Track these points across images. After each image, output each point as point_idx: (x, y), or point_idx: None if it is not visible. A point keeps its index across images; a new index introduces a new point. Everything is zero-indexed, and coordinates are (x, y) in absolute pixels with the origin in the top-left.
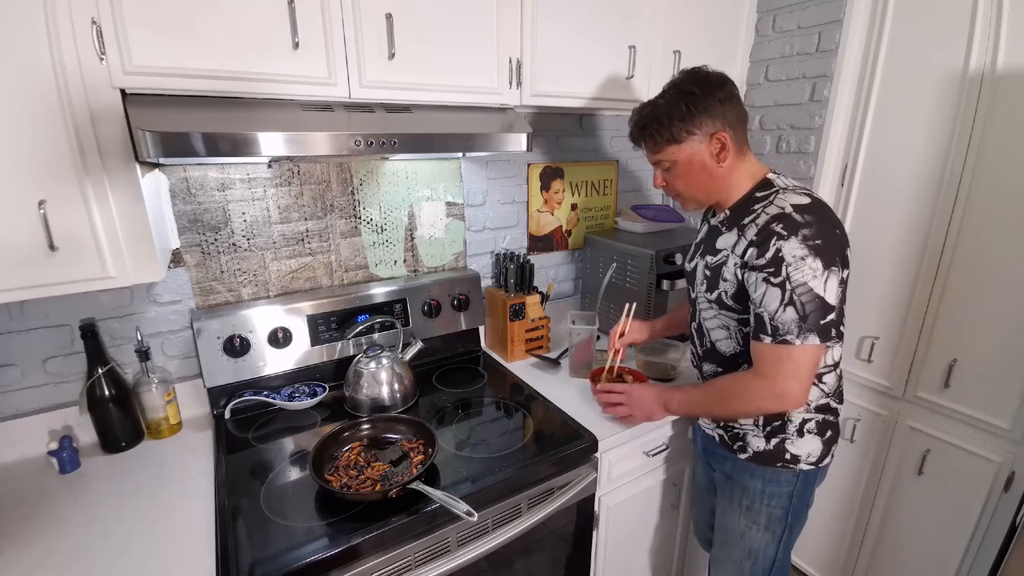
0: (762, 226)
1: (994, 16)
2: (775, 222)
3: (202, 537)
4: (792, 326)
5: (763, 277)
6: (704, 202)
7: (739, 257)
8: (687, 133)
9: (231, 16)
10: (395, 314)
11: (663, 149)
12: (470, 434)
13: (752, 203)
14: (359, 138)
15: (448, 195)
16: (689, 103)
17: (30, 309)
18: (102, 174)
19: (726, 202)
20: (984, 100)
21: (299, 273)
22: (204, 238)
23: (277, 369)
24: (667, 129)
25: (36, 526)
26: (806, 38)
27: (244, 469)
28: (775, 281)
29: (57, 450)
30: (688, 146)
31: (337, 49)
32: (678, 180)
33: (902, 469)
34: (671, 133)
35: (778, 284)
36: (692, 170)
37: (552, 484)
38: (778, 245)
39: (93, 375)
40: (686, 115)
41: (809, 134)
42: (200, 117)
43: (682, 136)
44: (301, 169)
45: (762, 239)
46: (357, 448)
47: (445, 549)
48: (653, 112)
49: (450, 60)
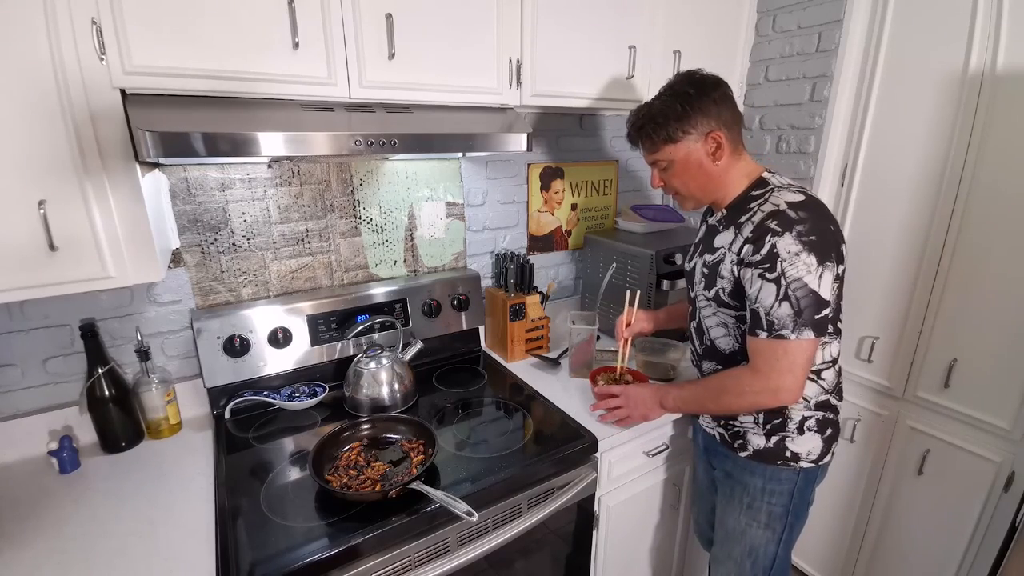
0: (758, 223)
1: (994, 16)
2: (770, 219)
3: (202, 537)
4: (787, 321)
5: (758, 273)
6: (702, 201)
7: (735, 254)
8: (683, 132)
9: (231, 16)
10: (395, 314)
11: (660, 149)
12: (470, 434)
13: (748, 201)
14: (359, 138)
15: (448, 195)
16: (684, 103)
17: (30, 309)
18: (102, 174)
19: (723, 201)
20: (984, 100)
21: (299, 273)
22: (204, 238)
23: (277, 369)
24: (663, 129)
25: (36, 526)
26: (806, 38)
27: (244, 469)
28: (770, 277)
29: (57, 450)
30: (684, 145)
31: (337, 49)
32: (675, 179)
33: (902, 469)
34: (667, 133)
35: (773, 280)
36: (689, 169)
37: (552, 484)
38: (773, 241)
39: (93, 375)
40: (682, 115)
41: (809, 134)
42: (200, 117)
43: (678, 135)
44: (301, 169)
45: (757, 236)
46: (357, 448)
47: (445, 549)
48: (649, 113)
49: (450, 60)
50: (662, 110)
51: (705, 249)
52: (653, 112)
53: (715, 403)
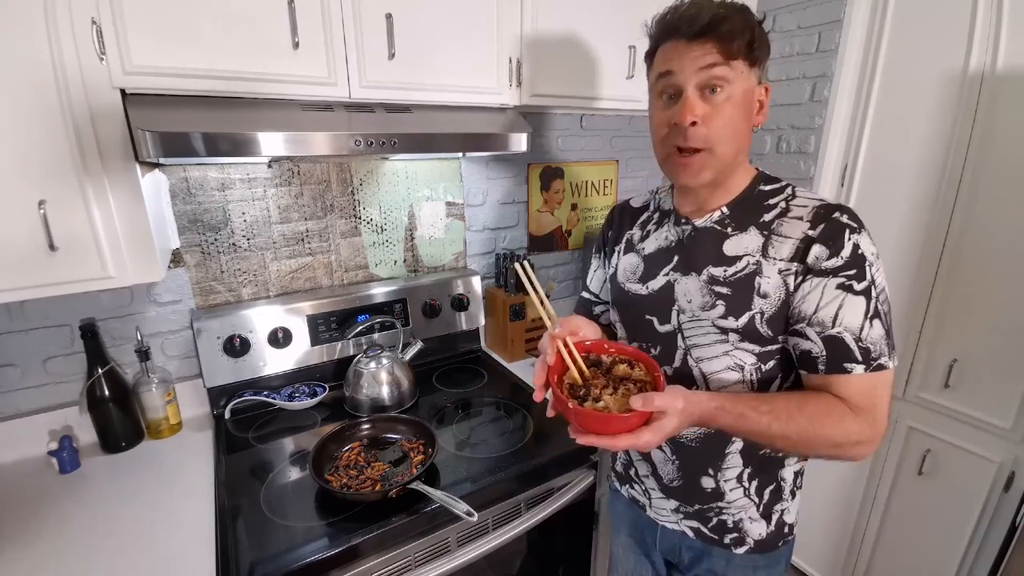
0: (819, 215)
1: (994, 16)
2: (835, 211)
3: (202, 537)
4: (883, 346)
5: (839, 283)
6: (727, 163)
7: (786, 260)
8: (760, 58)
9: (231, 16)
10: (395, 314)
11: (734, 59)
12: (470, 434)
13: (763, 197)
14: (359, 138)
15: (448, 195)
16: (762, 28)
17: (30, 309)
18: (102, 174)
19: (723, 193)
20: (984, 100)
21: (299, 273)
22: (204, 238)
23: (277, 369)
24: (746, 35)
25: (37, 526)
26: (806, 38)
27: (244, 469)
28: (858, 288)
29: (57, 450)
30: (752, 76)
31: (337, 49)
32: (726, 112)
33: (902, 469)
34: (749, 44)
35: (862, 291)
36: (743, 109)
37: (552, 484)
38: (855, 240)
39: (93, 375)
40: (763, 37)
41: (809, 134)
42: (200, 117)
43: (756, 56)
44: (301, 169)
45: (830, 233)
46: (357, 448)
47: (445, 549)
48: (735, 9)
49: (450, 60)
50: (747, 18)
51: (699, 261)
52: (739, 11)
53: (808, 426)
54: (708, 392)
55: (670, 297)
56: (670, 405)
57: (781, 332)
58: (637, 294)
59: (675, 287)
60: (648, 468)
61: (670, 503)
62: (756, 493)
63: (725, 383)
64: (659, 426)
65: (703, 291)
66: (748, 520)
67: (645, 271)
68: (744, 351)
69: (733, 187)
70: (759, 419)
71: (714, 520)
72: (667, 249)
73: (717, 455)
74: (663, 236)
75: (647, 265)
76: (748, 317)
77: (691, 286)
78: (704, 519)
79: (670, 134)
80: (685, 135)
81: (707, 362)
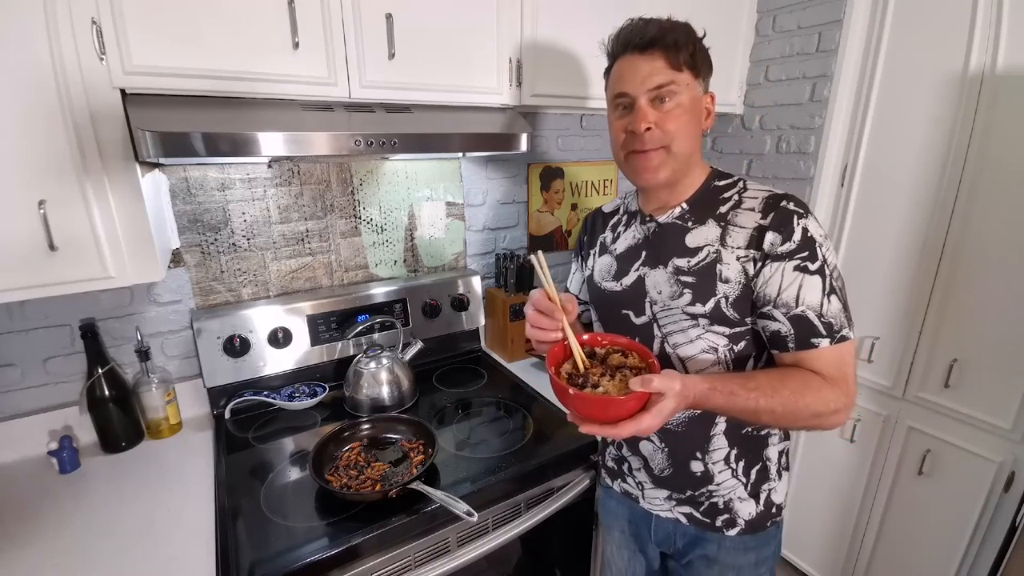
0: (769, 204)
1: (994, 17)
2: (783, 200)
3: (202, 537)
4: (842, 318)
5: (795, 265)
6: (683, 161)
7: (743, 248)
8: (703, 70)
9: (231, 16)
10: (395, 314)
11: (680, 70)
12: (470, 434)
13: (718, 192)
14: (359, 138)
15: (448, 195)
16: (703, 44)
17: (30, 309)
18: (102, 174)
19: (682, 190)
20: (984, 100)
21: (299, 273)
22: (204, 238)
23: (277, 369)
24: (690, 48)
25: (37, 526)
26: (806, 38)
27: (244, 469)
28: (813, 267)
29: (57, 450)
30: (697, 86)
31: (337, 49)
32: (677, 118)
33: (902, 469)
34: (692, 57)
35: (817, 271)
36: (692, 114)
37: (552, 484)
38: (803, 224)
39: (93, 375)
40: (704, 51)
41: (809, 134)
42: (200, 117)
43: (699, 68)
44: (301, 169)
45: (780, 220)
46: (357, 448)
47: (445, 549)
48: (678, 25)
49: (450, 60)
50: (690, 32)
51: (666, 254)
52: (682, 26)
53: (791, 397)
54: (699, 375)
55: (642, 291)
56: (668, 386)
57: (748, 314)
58: (613, 291)
59: (646, 280)
60: (640, 461)
61: (662, 492)
62: (743, 473)
63: (702, 365)
64: (658, 409)
65: (670, 281)
66: (738, 500)
67: (619, 269)
68: (715, 334)
69: (690, 184)
70: (747, 395)
71: (705, 504)
72: (636, 246)
73: (703, 438)
74: (631, 235)
75: (620, 263)
76: (714, 302)
77: (659, 278)
78: (696, 504)
79: (627, 140)
80: (642, 139)
81: (683, 347)
